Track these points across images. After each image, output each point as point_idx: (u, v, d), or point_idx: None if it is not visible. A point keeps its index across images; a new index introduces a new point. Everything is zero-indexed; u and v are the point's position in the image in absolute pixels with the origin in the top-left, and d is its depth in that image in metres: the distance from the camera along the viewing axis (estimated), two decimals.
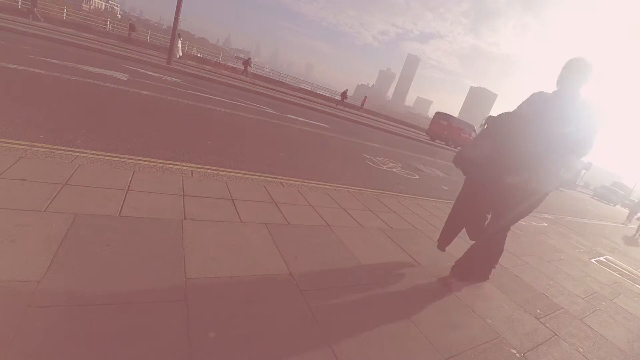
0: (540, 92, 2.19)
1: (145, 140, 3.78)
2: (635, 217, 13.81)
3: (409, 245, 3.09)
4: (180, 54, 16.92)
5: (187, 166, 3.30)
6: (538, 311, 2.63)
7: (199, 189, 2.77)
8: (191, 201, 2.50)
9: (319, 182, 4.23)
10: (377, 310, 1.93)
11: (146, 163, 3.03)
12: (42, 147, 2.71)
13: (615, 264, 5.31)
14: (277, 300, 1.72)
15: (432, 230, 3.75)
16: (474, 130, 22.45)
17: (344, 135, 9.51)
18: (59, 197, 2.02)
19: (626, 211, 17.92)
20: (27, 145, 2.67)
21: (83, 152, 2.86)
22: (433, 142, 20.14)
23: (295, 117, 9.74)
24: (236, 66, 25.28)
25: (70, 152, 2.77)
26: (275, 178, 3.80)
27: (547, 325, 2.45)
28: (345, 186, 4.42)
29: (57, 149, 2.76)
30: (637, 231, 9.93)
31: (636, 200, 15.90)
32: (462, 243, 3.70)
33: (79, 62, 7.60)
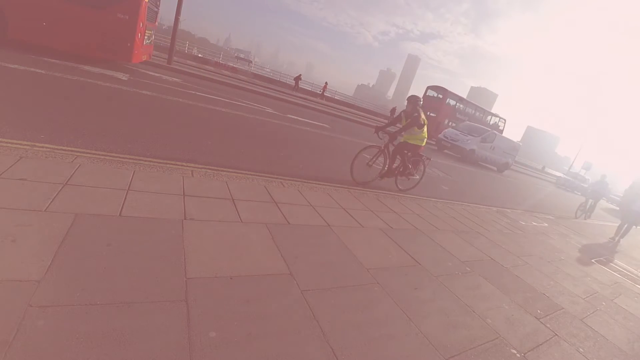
0: None
1: (146, 140, 3.78)
2: (588, 207, 9.93)
3: (409, 245, 3.09)
4: None
5: (187, 166, 3.30)
6: (538, 311, 2.63)
7: (199, 189, 2.77)
8: (191, 201, 2.50)
9: (319, 182, 4.23)
10: (377, 310, 1.93)
11: (146, 163, 3.03)
12: (43, 147, 2.72)
13: (615, 264, 5.30)
14: (277, 300, 1.72)
15: (433, 230, 3.75)
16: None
17: (344, 135, 9.51)
18: (59, 197, 2.02)
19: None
20: (28, 145, 2.67)
21: (84, 152, 2.87)
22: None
23: (295, 117, 9.74)
24: (236, 66, 25.26)
25: (71, 152, 2.77)
26: (275, 178, 3.80)
27: (548, 325, 2.45)
28: (345, 186, 4.42)
29: (57, 149, 2.76)
30: (615, 235, 7.90)
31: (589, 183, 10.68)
32: (461, 242, 3.70)
33: (79, 62, 7.60)
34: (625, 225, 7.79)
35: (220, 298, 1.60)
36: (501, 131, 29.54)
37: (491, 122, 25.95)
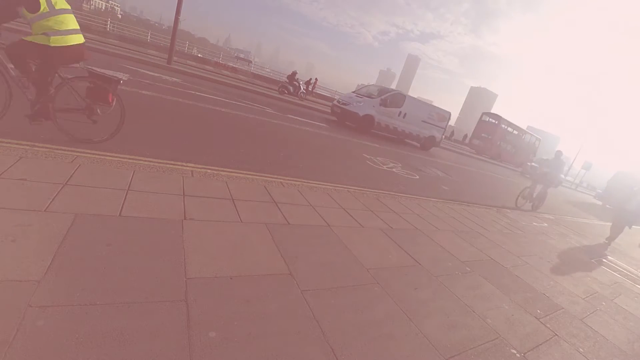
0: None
1: (146, 140, 3.78)
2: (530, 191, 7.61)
3: (409, 245, 3.09)
4: None
5: (187, 166, 3.30)
6: (538, 311, 2.63)
7: (199, 189, 2.77)
8: (191, 201, 2.50)
9: (319, 182, 4.23)
10: (377, 310, 1.93)
11: (146, 163, 3.03)
12: (43, 147, 2.72)
13: (615, 264, 5.30)
14: (277, 300, 1.72)
15: (433, 231, 3.75)
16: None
17: (343, 135, 9.51)
18: (59, 197, 2.02)
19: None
20: (28, 145, 2.67)
21: (83, 152, 2.86)
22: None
23: (295, 117, 9.75)
24: (236, 66, 25.28)
25: (71, 152, 2.77)
26: (275, 178, 3.80)
27: (548, 325, 2.45)
28: (345, 186, 4.42)
29: (57, 149, 2.76)
30: (610, 238, 6.97)
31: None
32: (461, 242, 3.70)
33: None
34: (619, 226, 6.92)
35: (220, 298, 1.60)
36: (536, 149, 30.60)
37: (528, 140, 28.68)
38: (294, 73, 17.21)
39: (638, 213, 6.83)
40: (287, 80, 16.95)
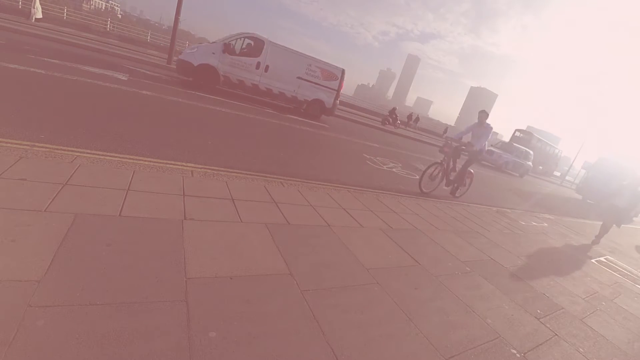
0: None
1: (146, 140, 3.78)
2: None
3: (409, 245, 3.09)
4: (40, 16, 14.80)
5: (187, 166, 3.30)
6: (538, 311, 2.63)
7: (199, 189, 2.77)
8: (191, 201, 2.50)
9: (319, 182, 4.23)
10: (377, 310, 1.93)
11: (146, 163, 3.03)
12: (43, 147, 2.72)
13: (615, 264, 5.30)
14: (277, 300, 1.72)
15: (433, 230, 3.75)
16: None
17: (340, 134, 9.51)
18: (59, 197, 2.02)
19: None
20: (28, 145, 2.67)
21: (83, 152, 2.87)
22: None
23: (295, 117, 9.74)
24: None
25: (71, 152, 2.77)
26: (275, 178, 3.80)
27: (548, 325, 2.44)
28: (345, 186, 4.42)
29: (57, 149, 2.76)
30: (598, 237, 6.19)
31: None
32: (461, 242, 3.70)
33: (79, 62, 7.60)
34: (606, 224, 6.24)
35: (220, 298, 1.60)
36: (558, 159, 33.52)
37: (552, 152, 31.47)
38: (394, 109, 20.44)
39: (630, 209, 6.08)
40: (388, 114, 20.20)
